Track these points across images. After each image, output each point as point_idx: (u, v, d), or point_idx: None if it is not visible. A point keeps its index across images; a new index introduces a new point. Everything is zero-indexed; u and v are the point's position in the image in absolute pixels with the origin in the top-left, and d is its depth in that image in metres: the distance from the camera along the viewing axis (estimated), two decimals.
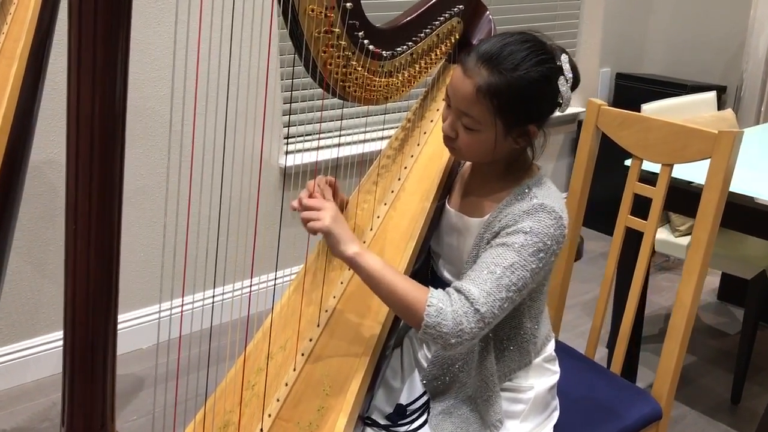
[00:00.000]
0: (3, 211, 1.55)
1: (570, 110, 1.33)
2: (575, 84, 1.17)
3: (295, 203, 1.28)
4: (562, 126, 3.49)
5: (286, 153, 2.61)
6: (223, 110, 2.30)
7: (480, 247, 1.19)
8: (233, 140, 2.29)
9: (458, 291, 1.10)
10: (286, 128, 2.62)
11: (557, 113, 1.18)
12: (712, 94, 2.51)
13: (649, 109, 2.30)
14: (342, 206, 1.36)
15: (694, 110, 2.42)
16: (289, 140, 2.61)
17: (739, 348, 2.13)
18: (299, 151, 2.55)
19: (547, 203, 1.15)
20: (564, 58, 1.15)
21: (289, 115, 2.55)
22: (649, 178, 1.51)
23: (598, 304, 1.58)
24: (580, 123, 3.36)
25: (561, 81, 1.13)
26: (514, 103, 1.11)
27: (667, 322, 1.43)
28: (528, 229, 1.12)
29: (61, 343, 0.90)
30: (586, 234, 3.25)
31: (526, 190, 1.18)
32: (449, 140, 1.19)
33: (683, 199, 1.55)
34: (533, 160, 1.23)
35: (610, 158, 1.72)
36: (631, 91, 3.49)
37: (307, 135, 2.56)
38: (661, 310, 2.78)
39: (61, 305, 0.87)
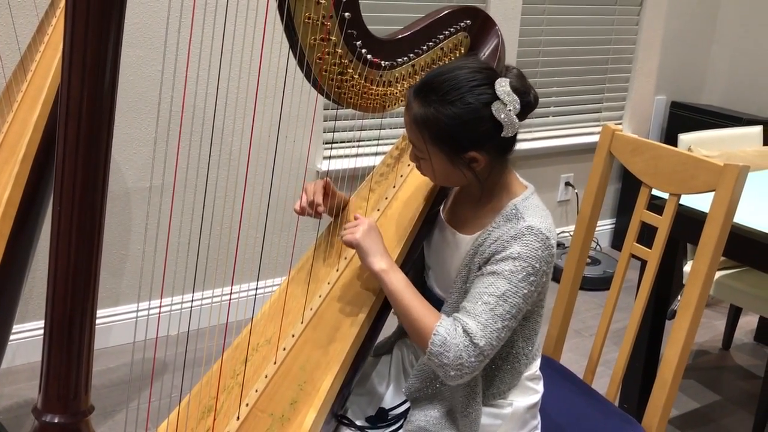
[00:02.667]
0: (38, 190, 1.65)
1: None
2: (526, 107, 1.16)
3: (297, 206, 1.34)
4: None
5: (326, 158, 2.67)
6: (263, 112, 2.38)
7: (470, 269, 1.21)
8: (265, 143, 2.35)
9: (461, 325, 1.13)
10: (326, 134, 2.68)
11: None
12: (758, 129, 2.44)
13: (687, 139, 2.25)
14: (342, 205, 1.41)
15: (736, 143, 2.35)
16: (330, 146, 2.66)
17: (762, 391, 2.06)
18: (338, 156, 2.60)
19: (535, 225, 1.16)
20: (501, 81, 1.14)
21: (335, 121, 2.60)
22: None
23: (598, 332, 1.56)
24: None
25: (495, 106, 1.13)
26: (442, 134, 1.14)
27: (695, 359, 1.41)
28: (516, 255, 1.14)
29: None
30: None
31: (514, 211, 1.20)
32: (417, 167, 1.24)
33: (698, 229, 1.51)
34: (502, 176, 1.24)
35: None
36: (686, 121, 3.40)
37: (346, 141, 2.61)
38: (693, 346, 2.70)
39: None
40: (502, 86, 1.14)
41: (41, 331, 2.43)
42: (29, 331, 2.35)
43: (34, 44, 1.74)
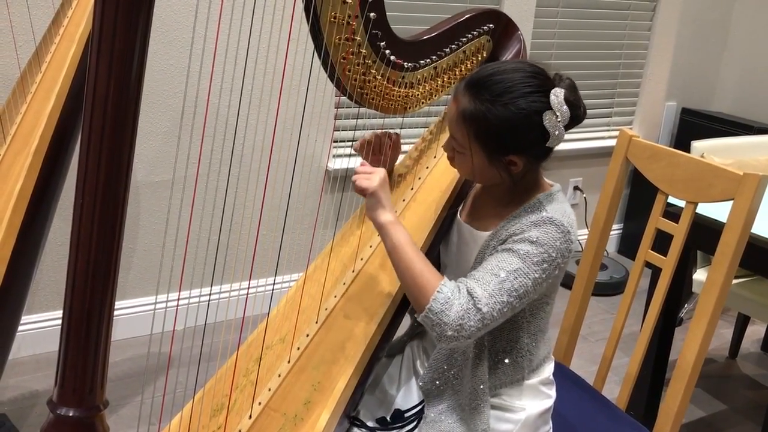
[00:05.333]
0: (50, 182, 1.65)
1: None
2: (574, 120, 1.16)
3: (357, 145, 1.36)
4: None
5: (335, 156, 2.66)
6: (276, 109, 2.37)
7: (486, 254, 1.21)
8: (283, 141, 2.35)
9: (465, 288, 1.12)
10: (336, 132, 2.67)
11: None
12: None
13: (700, 146, 2.24)
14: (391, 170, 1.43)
15: (749, 152, 2.35)
16: (338, 144, 2.66)
17: None
18: (347, 155, 2.60)
19: (557, 217, 1.16)
20: (557, 92, 1.13)
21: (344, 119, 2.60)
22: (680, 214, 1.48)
23: (610, 339, 1.55)
24: None
25: (547, 116, 1.12)
26: (489, 133, 1.13)
27: (701, 367, 1.41)
28: (534, 239, 1.14)
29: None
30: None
31: (537, 203, 1.20)
32: (450, 158, 1.23)
33: (713, 237, 1.51)
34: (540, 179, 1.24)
35: None
36: (696, 128, 3.40)
37: (354, 141, 2.61)
38: None
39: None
40: (557, 96, 1.13)
41: (47, 323, 2.44)
42: (35, 322, 2.34)
43: (50, 36, 1.73)
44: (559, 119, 1.13)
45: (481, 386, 1.23)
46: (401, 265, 1.15)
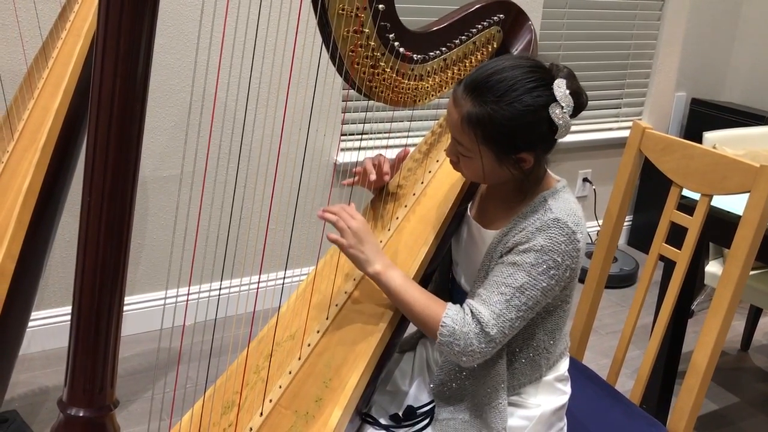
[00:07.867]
0: (59, 178, 1.64)
1: None
2: (578, 108, 1.14)
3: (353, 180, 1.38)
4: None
5: (343, 149, 2.65)
6: (283, 103, 2.36)
7: (492, 259, 1.19)
8: (291, 135, 2.34)
9: (471, 312, 1.14)
10: (344, 125, 2.65)
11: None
12: None
13: (712, 137, 2.22)
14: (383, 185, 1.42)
15: (762, 142, 2.32)
16: (346, 138, 2.64)
17: None
18: (355, 149, 2.58)
19: (561, 217, 1.15)
20: (560, 83, 1.12)
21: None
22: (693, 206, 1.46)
23: (623, 334, 1.54)
24: None
25: (553, 108, 1.11)
26: (498, 134, 1.12)
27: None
28: (539, 247, 1.13)
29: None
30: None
31: (542, 202, 1.18)
32: (454, 163, 1.22)
33: (727, 230, 1.49)
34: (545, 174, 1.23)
35: None
36: (706, 118, 3.36)
37: (364, 134, 2.59)
38: None
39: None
40: (560, 88, 1.12)
41: (56, 319, 2.44)
42: (45, 318, 2.34)
43: (56, 31, 1.72)
44: (564, 110, 1.12)
45: (501, 384, 1.22)
46: (403, 307, 1.20)
